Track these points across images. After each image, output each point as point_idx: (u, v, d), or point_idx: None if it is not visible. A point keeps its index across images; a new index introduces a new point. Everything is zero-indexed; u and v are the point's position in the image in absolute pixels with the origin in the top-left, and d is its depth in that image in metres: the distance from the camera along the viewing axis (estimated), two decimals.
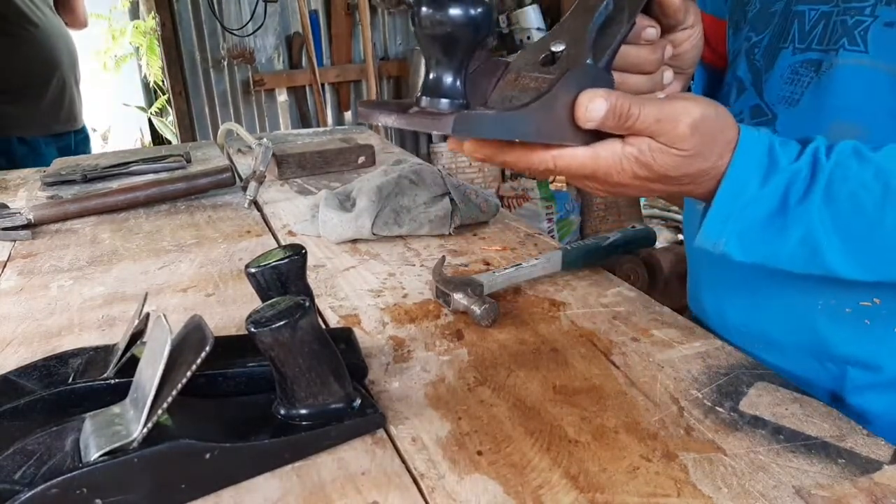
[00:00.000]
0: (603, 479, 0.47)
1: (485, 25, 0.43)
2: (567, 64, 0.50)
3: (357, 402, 0.52)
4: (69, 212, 1.09)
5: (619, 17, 0.53)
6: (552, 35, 0.53)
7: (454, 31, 0.43)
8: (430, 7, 0.43)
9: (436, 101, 0.45)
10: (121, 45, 4.20)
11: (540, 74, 0.50)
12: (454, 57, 0.45)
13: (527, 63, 0.52)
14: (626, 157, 0.49)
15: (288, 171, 1.28)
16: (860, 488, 0.45)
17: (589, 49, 0.50)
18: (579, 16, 0.53)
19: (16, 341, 0.69)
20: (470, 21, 0.43)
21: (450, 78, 0.45)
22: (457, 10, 0.42)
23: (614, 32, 0.52)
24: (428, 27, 0.43)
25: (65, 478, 0.41)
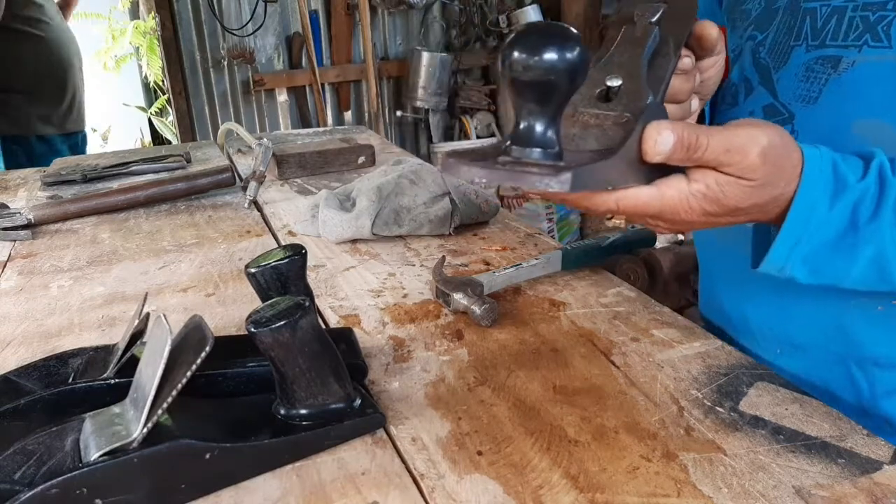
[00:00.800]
0: (603, 479, 0.47)
1: (582, 70, 0.40)
2: (627, 100, 0.48)
3: (357, 402, 0.52)
4: (69, 212, 1.09)
5: (664, 50, 0.52)
6: (603, 68, 0.51)
7: (550, 78, 0.39)
8: (524, 51, 0.39)
9: (529, 151, 0.42)
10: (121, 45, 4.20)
11: (600, 111, 0.48)
12: (549, 105, 0.41)
13: (583, 98, 0.50)
14: (693, 195, 0.47)
15: (288, 171, 1.28)
16: (860, 488, 0.45)
17: (646, 84, 0.49)
18: (627, 48, 0.51)
19: (16, 341, 0.69)
20: (568, 67, 0.39)
21: (542, 127, 0.42)
22: (553, 55, 0.39)
23: (663, 65, 0.51)
24: (520, 72, 0.39)
25: (65, 478, 0.41)
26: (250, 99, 3.67)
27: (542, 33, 0.40)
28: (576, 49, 0.39)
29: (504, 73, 0.40)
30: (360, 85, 3.87)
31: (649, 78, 0.50)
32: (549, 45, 0.39)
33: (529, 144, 0.42)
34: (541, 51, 0.39)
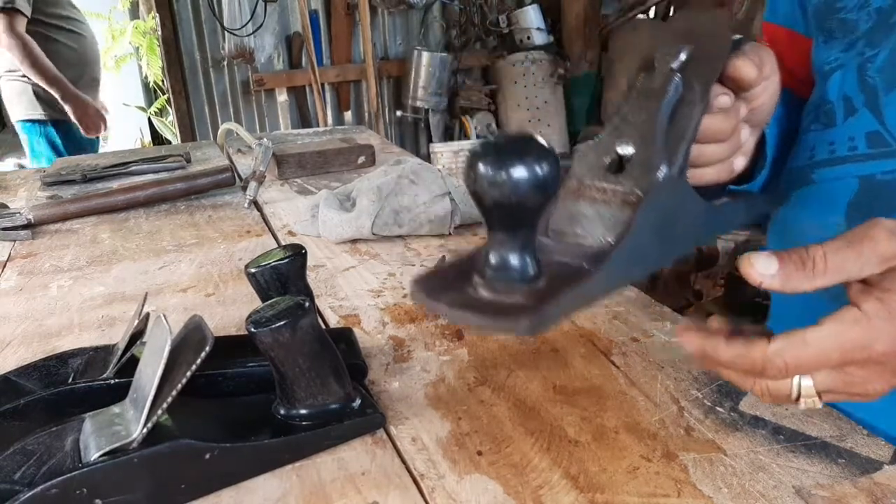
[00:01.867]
0: (603, 479, 0.47)
1: (553, 183, 0.35)
2: (638, 172, 0.43)
3: (357, 402, 0.52)
4: (69, 212, 1.09)
5: (689, 97, 0.45)
6: (614, 128, 0.45)
7: (520, 199, 0.34)
8: (489, 166, 0.34)
9: (501, 279, 0.37)
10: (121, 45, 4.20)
11: (609, 186, 0.43)
12: (521, 226, 0.36)
13: (590, 168, 0.45)
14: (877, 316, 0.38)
15: (288, 171, 1.28)
16: (860, 488, 0.45)
17: (661, 150, 0.43)
18: (643, 102, 0.45)
19: (16, 341, 0.69)
20: (539, 184, 0.34)
21: (516, 252, 0.37)
22: (522, 172, 0.33)
23: (687, 118, 0.45)
24: (485, 191, 0.34)
25: (65, 478, 0.41)
26: (250, 99, 3.67)
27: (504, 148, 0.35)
28: (544, 158, 0.34)
29: (470, 191, 0.36)
30: (359, 85, 3.87)
31: (670, 134, 0.44)
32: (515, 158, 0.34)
33: (503, 270, 0.37)
34: (505, 165, 0.34)
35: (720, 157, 0.50)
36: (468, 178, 0.35)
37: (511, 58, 3.86)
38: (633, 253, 0.41)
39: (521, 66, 3.84)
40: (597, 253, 0.40)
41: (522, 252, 0.37)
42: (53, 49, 2.39)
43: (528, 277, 0.37)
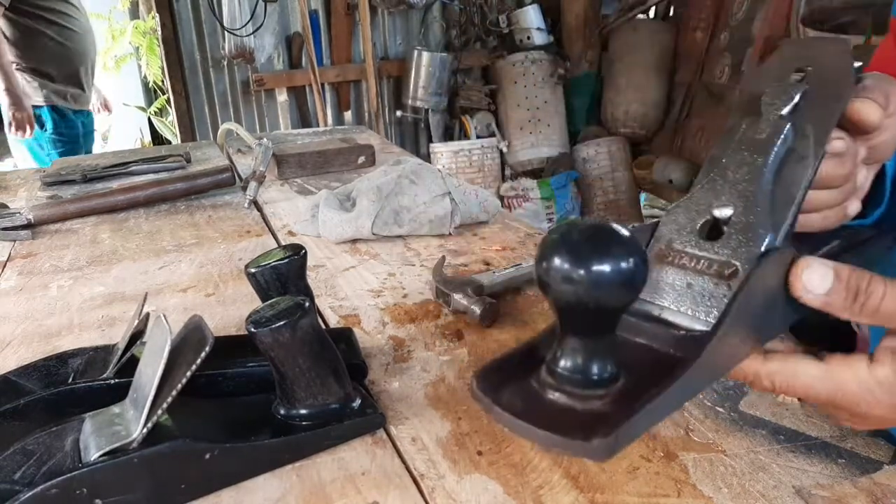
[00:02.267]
0: (603, 479, 0.47)
1: (641, 280, 0.30)
2: (738, 241, 0.37)
3: (357, 402, 0.52)
4: (69, 212, 1.09)
5: (801, 150, 0.39)
6: (711, 187, 0.39)
7: (604, 297, 0.29)
8: (567, 261, 0.29)
9: (574, 379, 0.32)
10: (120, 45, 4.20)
11: (702, 254, 0.37)
12: (599, 332, 0.32)
13: (679, 230, 0.39)
14: (878, 383, 0.35)
15: (288, 171, 1.28)
16: (860, 488, 0.45)
17: (767, 216, 0.37)
18: (746, 157, 0.39)
19: (16, 341, 0.69)
20: (626, 281, 0.29)
21: (591, 359, 0.32)
22: (606, 267, 0.29)
23: (797, 176, 0.38)
24: (561, 290, 0.30)
25: (65, 478, 0.41)
26: (250, 99, 3.67)
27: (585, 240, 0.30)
28: (632, 253, 0.29)
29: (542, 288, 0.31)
30: (360, 85, 3.87)
31: (776, 194, 0.38)
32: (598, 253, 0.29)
33: (575, 373, 0.33)
34: (588, 261, 0.29)
35: (831, 203, 0.44)
36: (539, 268, 0.31)
37: (511, 58, 3.86)
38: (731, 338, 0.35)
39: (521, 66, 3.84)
40: (685, 340, 0.35)
41: (600, 356, 0.33)
42: (35, 40, 2.41)
43: (605, 380, 0.33)
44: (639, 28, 3.78)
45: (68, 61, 2.53)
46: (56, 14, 2.45)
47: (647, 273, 0.30)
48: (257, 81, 3.59)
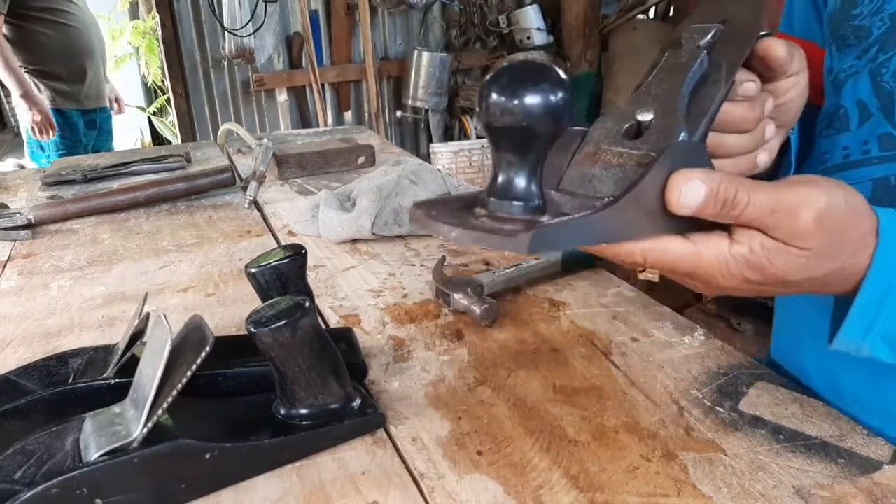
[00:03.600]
0: (603, 478, 0.47)
1: (566, 114, 0.36)
2: (657, 137, 0.42)
3: (357, 402, 0.52)
4: (69, 212, 1.09)
5: (714, 76, 0.45)
6: (636, 99, 0.45)
7: (531, 125, 0.35)
8: (502, 94, 0.35)
9: (505, 204, 0.38)
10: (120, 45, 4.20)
11: (625, 150, 0.43)
12: (530, 153, 0.37)
13: (608, 134, 0.44)
14: (733, 258, 0.41)
15: (288, 171, 1.28)
16: (860, 488, 0.45)
17: (682, 119, 0.42)
18: (667, 76, 0.45)
19: (16, 341, 0.69)
20: (550, 111, 0.35)
21: (523, 179, 0.37)
22: (535, 99, 0.34)
23: (710, 95, 0.44)
24: (498, 118, 0.35)
25: (65, 478, 0.41)
26: (250, 99, 3.67)
27: (521, 73, 0.35)
28: (558, 88, 0.35)
29: (481, 117, 0.36)
30: (360, 85, 3.87)
31: (691, 111, 0.44)
32: (529, 86, 0.34)
33: (507, 197, 0.38)
34: (519, 93, 0.34)
35: (742, 148, 0.48)
36: (480, 105, 0.35)
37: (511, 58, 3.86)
38: (641, 208, 0.39)
39: None
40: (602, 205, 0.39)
41: (529, 178, 0.37)
42: (37, 41, 2.43)
43: (531, 207, 0.37)
44: (639, 28, 3.78)
45: (72, 58, 2.53)
46: (55, 13, 2.46)
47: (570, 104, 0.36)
48: (257, 81, 3.59)
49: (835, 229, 0.40)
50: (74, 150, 2.54)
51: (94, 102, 2.67)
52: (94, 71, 2.63)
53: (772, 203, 0.39)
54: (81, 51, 2.56)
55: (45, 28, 2.45)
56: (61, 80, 2.52)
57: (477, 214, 0.38)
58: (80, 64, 2.56)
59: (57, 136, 2.54)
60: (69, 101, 2.56)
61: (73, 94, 2.57)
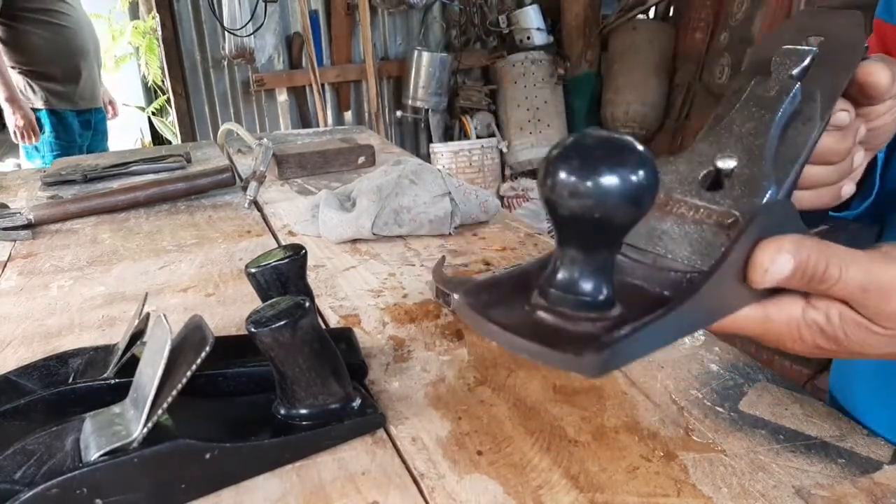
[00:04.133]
0: (603, 478, 0.47)
1: (650, 196, 0.29)
2: (740, 192, 0.37)
3: (357, 402, 0.52)
4: (69, 212, 1.09)
5: (807, 111, 0.39)
6: (715, 139, 0.39)
7: (608, 212, 0.28)
8: (574, 173, 0.28)
9: (569, 299, 0.31)
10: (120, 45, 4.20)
11: (703, 203, 0.37)
12: (602, 245, 0.31)
13: (682, 180, 0.39)
14: (806, 324, 0.37)
15: (288, 171, 1.28)
16: (860, 488, 0.45)
17: (771, 170, 0.36)
18: (753, 112, 0.39)
19: (16, 341, 0.69)
20: (634, 195, 0.28)
21: (590, 273, 0.31)
22: (613, 180, 0.27)
23: (802, 136, 0.38)
24: (566, 202, 0.28)
25: (65, 478, 0.41)
26: (250, 99, 3.67)
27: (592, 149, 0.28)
28: (642, 166, 0.28)
29: (545, 203, 0.30)
30: (360, 85, 3.87)
31: (780, 152, 0.38)
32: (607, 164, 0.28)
33: (570, 291, 0.31)
34: (596, 172, 0.28)
35: (827, 180, 0.44)
36: (542, 182, 0.29)
37: (511, 58, 3.86)
38: (722, 284, 0.34)
39: (521, 66, 3.84)
40: (681, 280, 0.34)
41: (598, 274, 0.31)
42: (29, 42, 2.40)
43: (600, 304, 0.32)
44: (639, 28, 3.78)
45: (67, 59, 2.51)
46: (48, 14, 2.44)
47: (657, 188, 0.29)
48: (257, 82, 3.59)
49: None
50: (69, 151, 2.53)
51: (88, 103, 2.66)
52: (88, 71, 2.61)
53: (865, 282, 0.35)
54: (76, 51, 2.54)
55: (39, 28, 2.43)
56: (55, 81, 2.50)
57: (533, 305, 0.32)
58: (74, 64, 2.54)
59: (51, 137, 2.52)
60: (64, 101, 2.54)
61: (68, 94, 2.54)
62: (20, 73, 2.42)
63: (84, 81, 2.59)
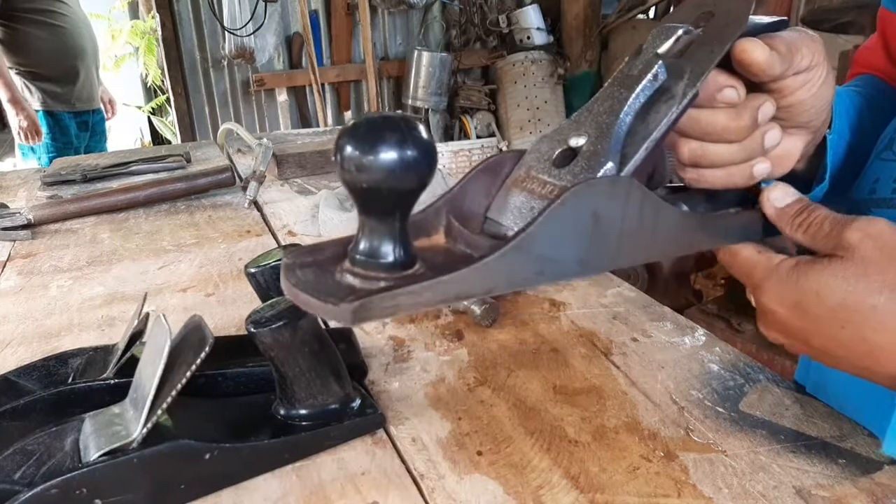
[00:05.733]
0: (603, 479, 0.47)
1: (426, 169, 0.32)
2: (581, 167, 0.38)
3: (357, 402, 0.52)
4: (69, 212, 1.08)
5: (672, 89, 0.39)
6: (576, 118, 0.41)
7: (382, 185, 0.32)
8: (355, 147, 0.31)
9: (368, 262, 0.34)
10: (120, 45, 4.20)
11: (550, 179, 0.39)
12: (388, 213, 0.34)
13: (540, 158, 0.40)
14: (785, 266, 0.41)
15: (288, 170, 1.28)
16: (861, 488, 0.45)
17: (614, 147, 0.38)
18: (612, 92, 0.40)
19: (15, 341, 0.69)
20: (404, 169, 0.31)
21: (382, 239, 0.34)
22: (387, 155, 0.31)
23: (660, 112, 0.39)
24: (351, 173, 0.32)
25: (64, 478, 0.41)
26: (250, 99, 3.67)
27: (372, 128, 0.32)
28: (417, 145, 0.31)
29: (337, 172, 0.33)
30: (360, 85, 3.87)
31: (636, 127, 0.39)
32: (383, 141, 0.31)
33: (368, 255, 0.34)
34: (372, 149, 0.31)
35: (730, 159, 0.43)
36: (336, 160, 0.32)
37: (511, 58, 3.86)
38: (538, 250, 0.36)
39: (521, 65, 3.84)
40: (494, 245, 0.36)
41: (390, 238, 0.34)
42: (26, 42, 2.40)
43: (395, 264, 0.34)
44: (639, 28, 3.78)
45: (63, 58, 2.50)
46: (46, 14, 2.43)
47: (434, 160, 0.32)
48: (257, 81, 3.59)
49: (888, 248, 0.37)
50: (65, 153, 2.50)
51: (86, 104, 2.64)
52: (86, 72, 2.59)
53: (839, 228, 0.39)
54: (73, 51, 2.52)
55: (36, 29, 2.41)
56: (52, 82, 2.49)
57: (343, 269, 0.35)
58: (71, 65, 2.52)
59: (48, 139, 2.51)
60: (60, 102, 2.52)
61: (65, 95, 2.53)
62: (17, 73, 2.42)
63: (81, 82, 2.58)
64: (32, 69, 2.44)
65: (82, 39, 2.57)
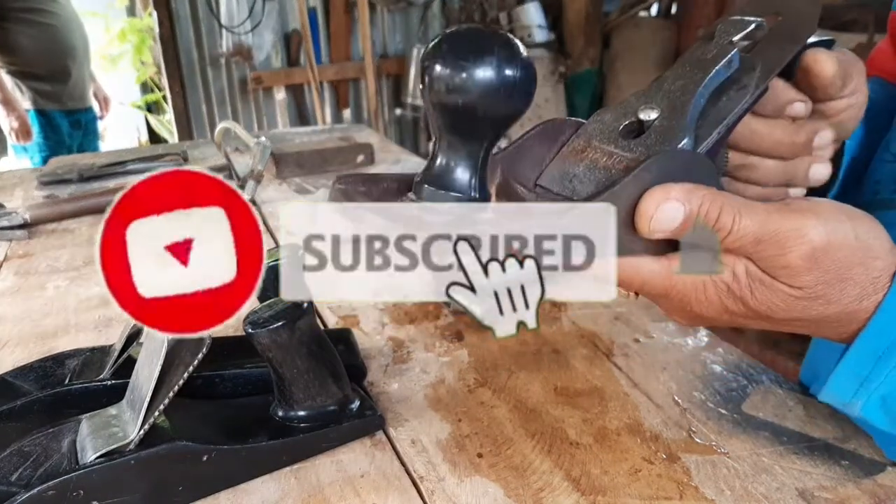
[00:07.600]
0: (605, 481, 0.46)
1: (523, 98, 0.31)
2: (655, 140, 0.37)
3: (356, 403, 0.52)
4: (65, 211, 1.08)
5: (744, 80, 0.38)
6: (645, 93, 0.40)
7: (479, 104, 0.30)
8: (448, 65, 0.30)
9: (438, 193, 0.33)
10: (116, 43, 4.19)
11: (617, 150, 0.37)
12: (472, 138, 0.32)
13: (604, 129, 0.39)
14: (713, 282, 0.36)
15: (286, 170, 1.28)
16: (864, 490, 0.45)
17: (690, 124, 0.36)
18: (685, 72, 0.39)
19: (12, 342, 0.69)
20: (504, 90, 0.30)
21: (460, 167, 0.32)
22: (487, 73, 0.29)
23: (733, 100, 0.38)
24: (442, 93, 0.30)
25: (61, 479, 0.41)
26: (248, 97, 3.67)
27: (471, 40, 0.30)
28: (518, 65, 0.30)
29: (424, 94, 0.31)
30: (358, 83, 3.86)
31: (708, 113, 0.38)
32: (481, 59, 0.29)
33: (440, 185, 0.33)
34: (469, 65, 0.29)
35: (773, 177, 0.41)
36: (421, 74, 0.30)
37: None
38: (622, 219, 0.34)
39: None
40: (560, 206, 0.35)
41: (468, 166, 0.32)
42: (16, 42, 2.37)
43: (464, 198, 0.32)
44: (641, 25, 3.77)
45: (54, 57, 2.47)
46: (36, 13, 2.41)
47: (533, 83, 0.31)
48: (255, 80, 3.58)
49: (834, 269, 0.34)
50: (58, 152, 2.48)
51: (78, 103, 2.61)
52: (77, 71, 2.57)
53: (758, 233, 0.34)
54: (64, 50, 2.49)
55: (26, 28, 2.39)
56: (43, 81, 2.46)
57: (404, 199, 0.34)
58: (62, 64, 2.49)
59: (40, 138, 2.49)
60: (51, 102, 2.50)
61: (56, 94, 2.50)
62: (7, 73, 2.40)
63: (73, 81, 2.55)
64: (23, 68, 2.42)
65: (73, 38, 2.55)
